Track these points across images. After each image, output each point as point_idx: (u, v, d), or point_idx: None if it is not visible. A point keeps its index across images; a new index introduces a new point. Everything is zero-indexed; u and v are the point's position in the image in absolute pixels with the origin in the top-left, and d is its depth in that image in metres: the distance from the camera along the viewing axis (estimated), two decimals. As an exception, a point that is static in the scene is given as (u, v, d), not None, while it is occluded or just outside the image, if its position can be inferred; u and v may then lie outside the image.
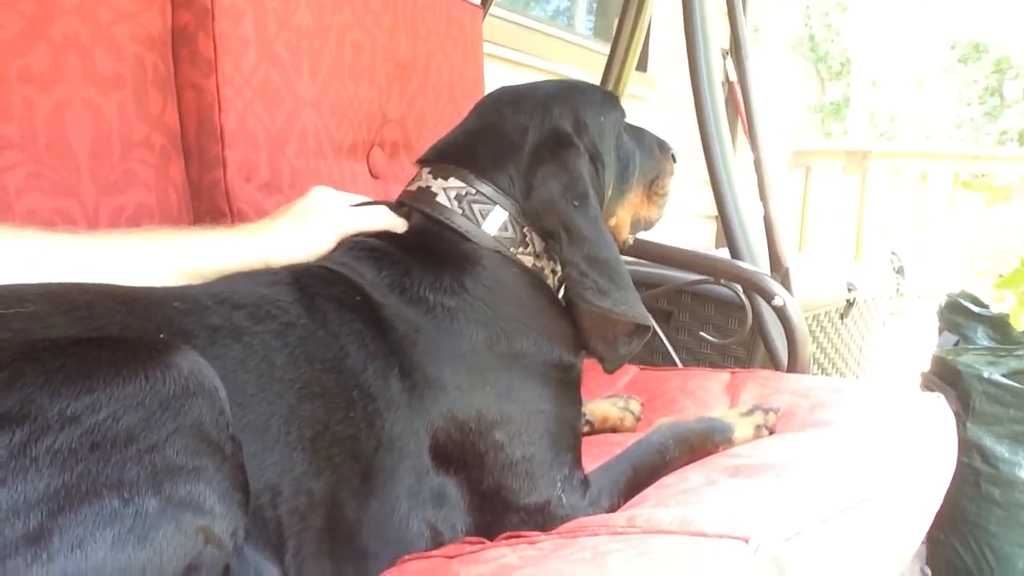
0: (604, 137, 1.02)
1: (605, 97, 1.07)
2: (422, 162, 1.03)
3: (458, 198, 0.96)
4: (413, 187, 1.01)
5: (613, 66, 2.03)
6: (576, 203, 0.93)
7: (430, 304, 0.88)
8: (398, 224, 0.98)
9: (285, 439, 0.74)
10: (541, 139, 0.97)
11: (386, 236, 0.97)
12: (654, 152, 1.12)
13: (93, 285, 0.74)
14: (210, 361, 0.66)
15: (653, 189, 1.12)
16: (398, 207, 1.02)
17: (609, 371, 1.02)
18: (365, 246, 0.95)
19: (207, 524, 0.56)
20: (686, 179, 1.18)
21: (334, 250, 0.96)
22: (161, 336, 0.69)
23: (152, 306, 0.74)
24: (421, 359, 0.85)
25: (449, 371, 0.85)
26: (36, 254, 0.80)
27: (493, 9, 2.10)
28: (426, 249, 0.94)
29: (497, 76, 2.00)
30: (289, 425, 0.74)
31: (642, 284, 1.88)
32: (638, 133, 1.11)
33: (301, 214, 0.99)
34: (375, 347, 0.84)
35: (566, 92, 1.03)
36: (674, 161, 1.16)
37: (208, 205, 1.25)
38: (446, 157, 1.01)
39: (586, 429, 1.21)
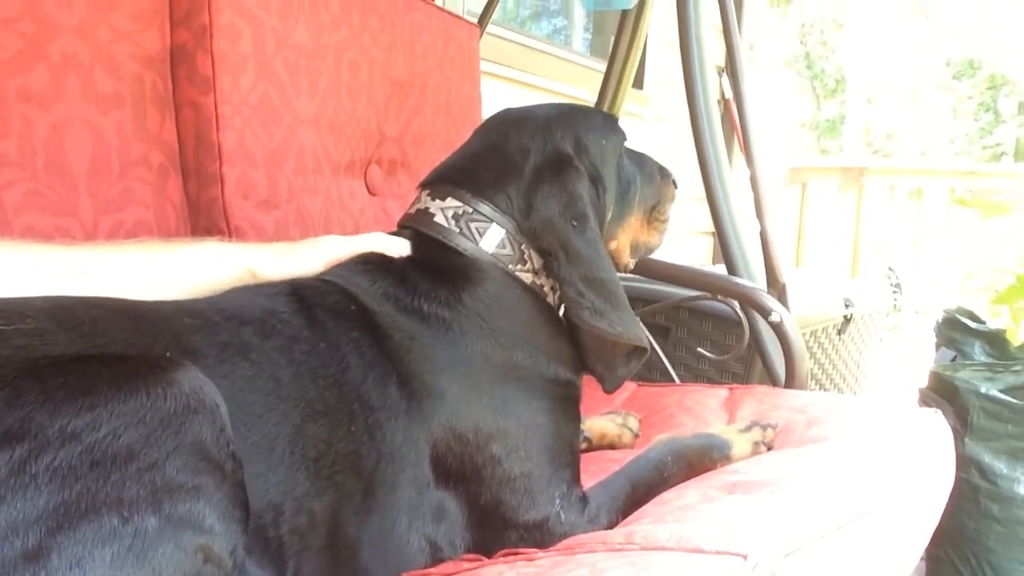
0: (605, 160, 1.03)
1: (606, 120, 1.08)
2: (422, 185, 1.04)
3: (455, 217, 0.97)
4: (412, 210, 1.02)
5: (609, 83, 2.04)
6: (575, 223, 0.93)
7: (425, 314, 0.89)
8: (393, 246, 0.98)
9: (289, 459, 0.74)
10: (543, 160, 0.98)
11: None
12: (655, 178, 1.13)
13: (101, 300, 0.74)
14: (219, 380, 0.66)
15: (654, 215, 1.13)
16: (399, 231, 1.02)
17: (608, 391, 1.02)
18: (360, 260, 0.96)
19: (207, 543, 0.56)
20: (683, 195, 1.19)
21: (332, 267, 0.97)
22: (168, 355, 0.69)
23: (161, 324, 0.74)
24: (418, 367, 0.85)
25: (446, 379, 0.86)
26: (30, 266, 0.80)
27: (490, 28, 2.11)
28: (423, 264, 0.94)
29: (494, 94, 2.01)
30: (294, 445, 0.75)
31: (639, 300, 1.89)
32: (639, 158, 1.12)
33: (299, 242, 1.00)
34: (372, 355, 0.84)
35: (568, 115, 1.04)
36: (675, 187, 1.16)
37: (206, 222, 1.25)
38: (445, 179, 1.02)
39: (584, 446, 1.21)
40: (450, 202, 0.98)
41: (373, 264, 0.94)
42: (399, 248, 0.97)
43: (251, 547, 0.67)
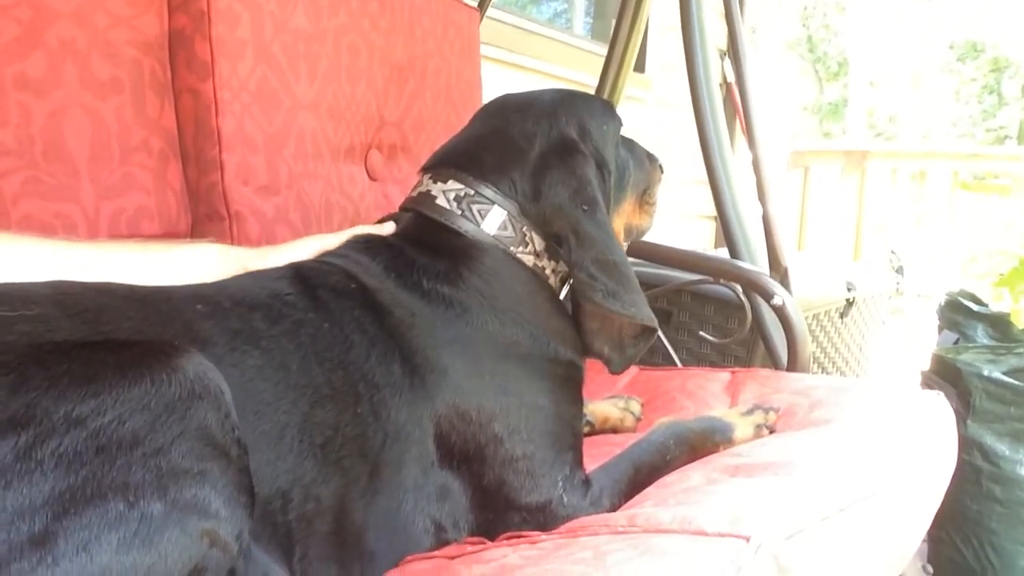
0: (607, 145, 1.04)
1: (605, 106, 1.09)
2: (424, 169, 1.04)
3: (457, 199, 0.97)
4: (414, 193, 1.03)
5: (611, 67, 2.03)
6: (585, 208, 0.94)
7: (425, 289, 0.90)
8: (380, 231, 1.00)
9: (298, 448, 0.74)
10: (549, 145, 0.99)
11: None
12: (644, 163, 1.15)
13: (110, 286, 0.74)
14: (229, 369, 0.67)
15: (644, 198, 1.15)
16: (400, 213, 1.03)
17: (615, 372, 1.03)
18: (361, 239, 0.97)
19: (212, 527, 0.56)
20: (685, 179, 1.20)
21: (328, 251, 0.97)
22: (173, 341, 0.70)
23: (172, 311, 0.74)
24: (420, 342, 0.86)
25: (447, 355, 0.86)
26: (31, 263, 0.80)
27: (490, 11, 2.10)
28: (423, 243, 0.95)
29: (494, 78, 2.00)
30: (302, 433, 0.75)
31: (642, 284, 1.88)
32: (629, 144, 1.13)
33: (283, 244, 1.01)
34: (375, 332, 0.85)
35: (570, 100, 1.05)
36: (661, 172, 1.18)
37: (206, 208, 1.25)
38: (447, 162, 1.02)
39: (587, 430, 1.22)
40: (452, 184, 0.98)
41: (374, 243, 0.95)
42: (387, 231, 0.99)
43: (258, 532, 0.67)
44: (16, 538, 0.50)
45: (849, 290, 2.31)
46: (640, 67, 3.58)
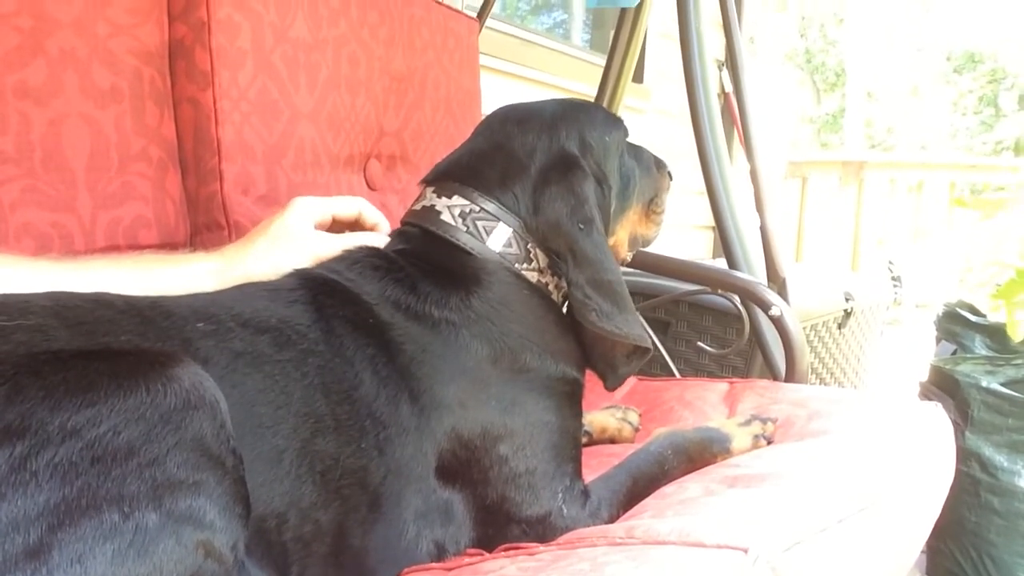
0: (608, 158, 1.03)
1: (608, 117, 1.08)
2: (426, 182, 1.04)
3: (462, 215, 0.96)
4: (417, 207, 1.02)
5: (609, 78, 2.04)
6: (582, 226, 0.94)
7: (435, 320, 0.89)
8: (376, 242, 0.99)
9: (296, 472, 0.74)
10: (549, 161, 0.98)
11: (390, 251, 0.97)
12: (652, 170, 1.13)
13: (110, 298, 0.74)
14: (230, 389, 0.67)
15: (651, 207, 1.13)
16: (404, 227, 1.02)
17: (609, 389, 1.03)
18: (369, 264, 0.94)
19: (207, 538, 0.56)
20: (683, 189, 1.19)
21: (339, 259, 0.96)
22: (167, 350, 0.69)
23: (171, 328, 0.74)
24: (429, 380, 0.85)
25: (455, 389, 0.86)
26: (18, 282, 0.79)
27: (490, 22, 2.11)
28: (431, 265, 0.94)
29: (494, 88, 2.00)
30: (301, 459, 0.75)
31: (640, 294, 1.89)
32: (636, 151, 1.12)
33: (280, 233, 0.99)
34: (387, 373, 0.84)
35: (572, 113, 1.04)
36: (670, 179, 1.17)
37: (205, 217, 1.25)
38: (450, 176, 1.01)
39: (585, 440, 1.21)
40: (456, 200, 0.98)
41: (384, 268, 0.93)
42: (381, 243, 0.99)
43: (251, 548, 0.67)
44: (11, 549, 0.50)
45: (847, 301, 2.31)
46: (639, 77, 3.59)
